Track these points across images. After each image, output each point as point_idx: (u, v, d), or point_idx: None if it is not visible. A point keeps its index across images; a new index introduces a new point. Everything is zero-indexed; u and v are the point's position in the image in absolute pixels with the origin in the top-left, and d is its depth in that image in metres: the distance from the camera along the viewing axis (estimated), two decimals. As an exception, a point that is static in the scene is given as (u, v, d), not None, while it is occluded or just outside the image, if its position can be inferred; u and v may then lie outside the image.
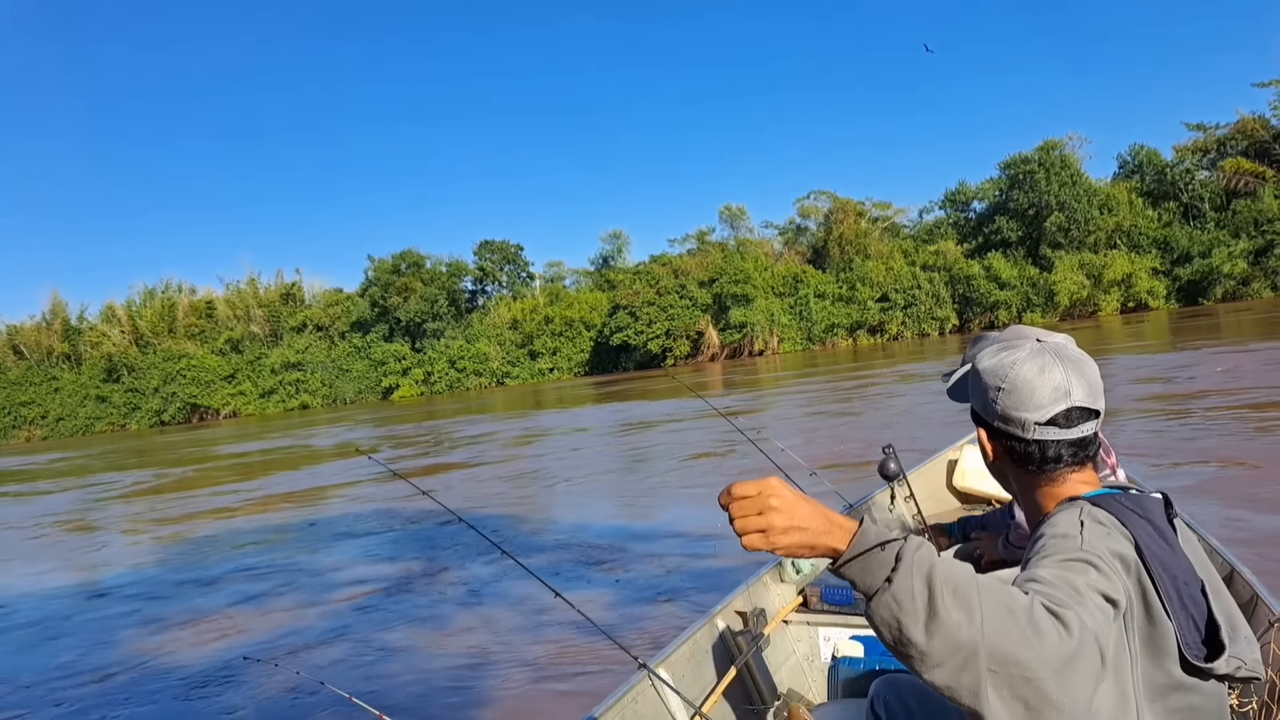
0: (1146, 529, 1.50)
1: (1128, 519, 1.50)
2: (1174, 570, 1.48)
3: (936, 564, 1.19)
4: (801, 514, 1.25)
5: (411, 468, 17.94)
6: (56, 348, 78.32)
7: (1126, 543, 1.45)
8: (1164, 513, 1.59)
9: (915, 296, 56.58)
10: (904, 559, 1.20)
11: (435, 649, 6.49)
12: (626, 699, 2.94)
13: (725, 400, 25.09)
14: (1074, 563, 1.36)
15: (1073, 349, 1.65)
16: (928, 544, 1.23)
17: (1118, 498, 1.56)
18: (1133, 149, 59.75)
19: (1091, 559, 1.37)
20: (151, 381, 72.22)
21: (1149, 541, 1.48)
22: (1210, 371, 17.04)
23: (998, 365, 1.64)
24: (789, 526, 1.25)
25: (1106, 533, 1.45)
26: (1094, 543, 1.41)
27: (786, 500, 1.25)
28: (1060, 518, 1.51)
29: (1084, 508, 1.51)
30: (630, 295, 61.20)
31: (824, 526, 1.26)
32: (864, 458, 11.29)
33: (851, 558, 1.24)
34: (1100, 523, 1.47)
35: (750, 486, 1.27)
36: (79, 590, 10.06)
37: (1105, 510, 1.51)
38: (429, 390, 66.25)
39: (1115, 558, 1.41)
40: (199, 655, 6.95)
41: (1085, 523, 1.46)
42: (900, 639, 1.17)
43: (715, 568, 7.52)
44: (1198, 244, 51.78)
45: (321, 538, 11.43)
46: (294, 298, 77.27)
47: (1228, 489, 8.23)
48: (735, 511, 1.26)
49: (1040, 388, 1.58)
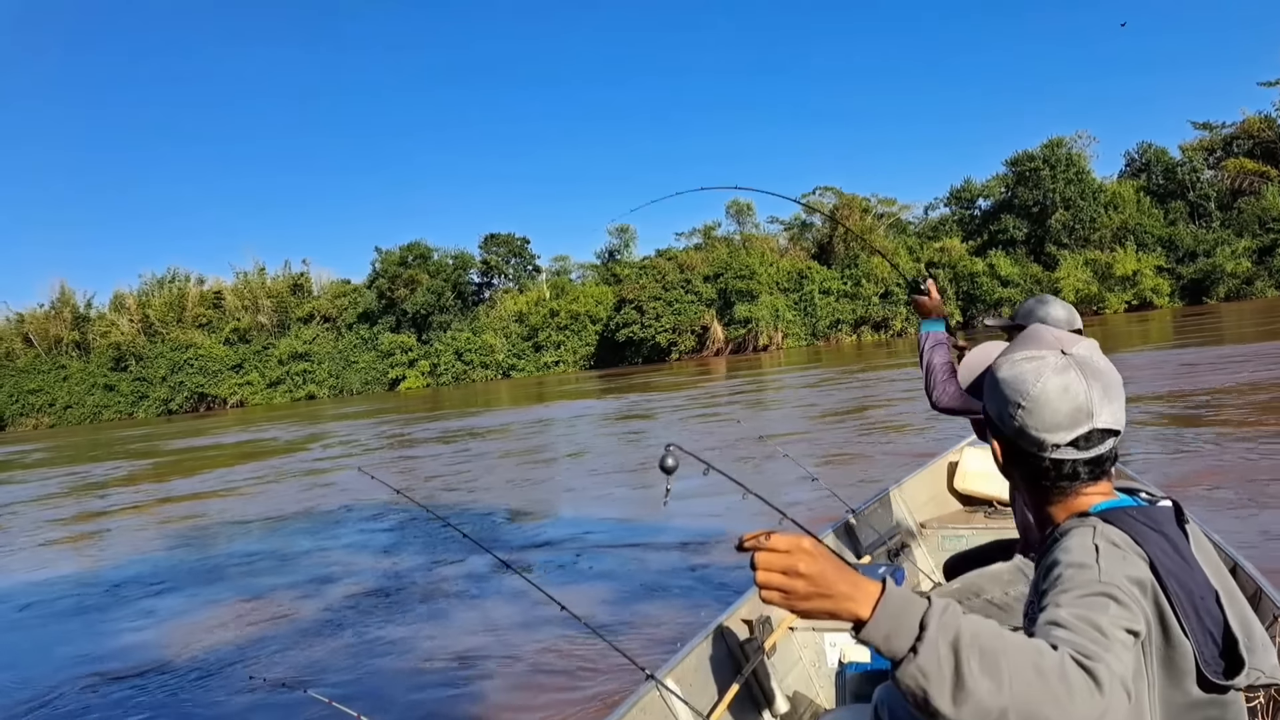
0: (1161, 544, 1.47)
1: (1141, 536, 1.46)
2: (1190, 586, 1.45)
3: (963, 628, 1.16)
4: (827, 580, 1.21)
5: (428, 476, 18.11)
6: (65, 336, 78.54)
7: (1142, 563, 1.42)
8: (1175, 522, 1.56)
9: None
10: (928, 627, 1.16)
11: (431, 655, 6.46)
12: (634, 710, 2.95)
13: (728, 398, 25.14)
14: (1094, 598, 1.32)
15: (1099, 360, 1.56)
16: (954, 605, 1.20)
17: (1130, 511, 1.52)
18: (1140, 147, 59.81)
19: (1111, 591, 1.33)
20: (159, 371, 72.48)
21: (1164, 559, 1.44)
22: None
23: (1019, 378, 1.54)
24: (812, 593, 1.21)
25: (1123, 556, 1.41)
26: (1112, 572, 1.36)
27: (814, 567, 1.21)
28: (1073, 541, 1.45)
29: (1097, 527, 1.46)
30: (636, 290, 61.25)
31: (848, 592, 1.21)
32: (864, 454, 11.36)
33: (875, 625, 1.19)
34: (1115, 544, 1.43)
35: (782, 542, 1.24)
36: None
37: (1119, 528, 1.46)
38: (435, 382, 66.38)
39: (1134, 584, 1.37)
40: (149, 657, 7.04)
41: (1100, 547, 1.41)
42: (927, 709, 1.15)
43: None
44: (1202, 243, 51.78)
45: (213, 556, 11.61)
46: (302, 288, 77.39)
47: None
48: (760, 563, 1.24)
49: (1062, 408, 1.50)
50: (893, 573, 4.19)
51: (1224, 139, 56.15)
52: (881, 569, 4.02)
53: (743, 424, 9.51)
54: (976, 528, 5.43)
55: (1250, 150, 54.03)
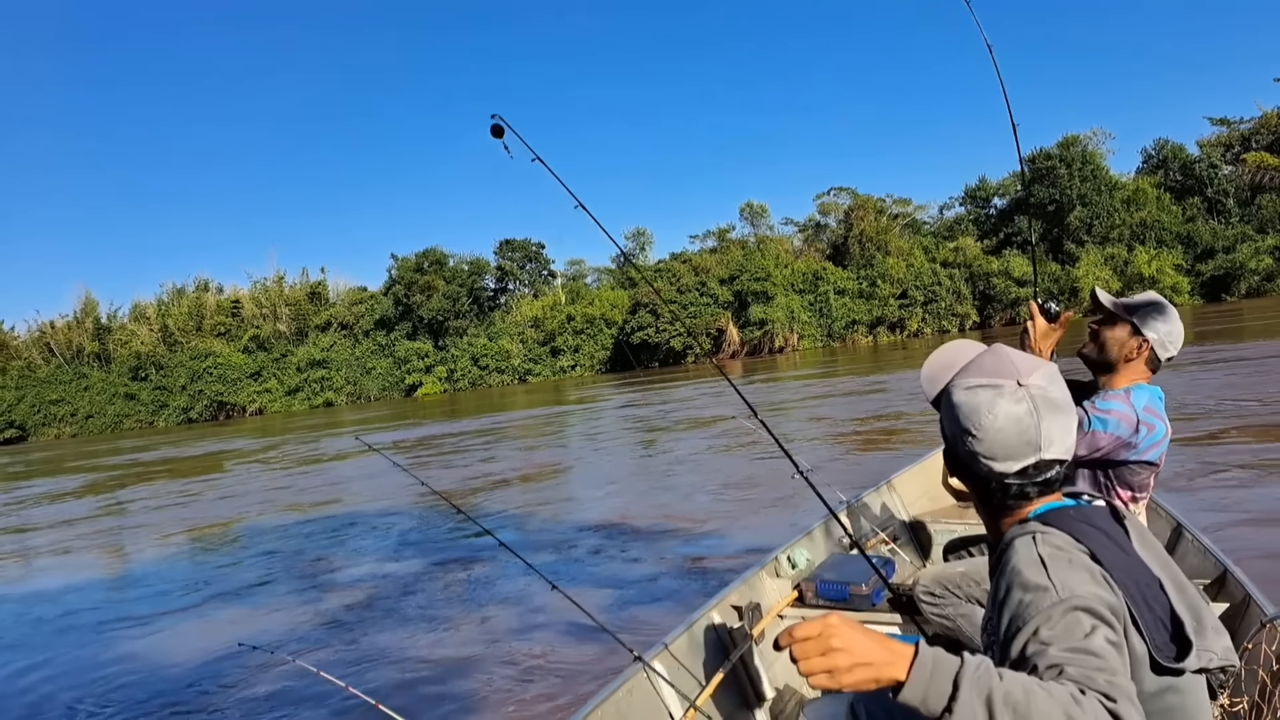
0: (1098, 539, 1.51)
1: (1080, 533, 1.50)
2: (1134, 575, 1.49)
3: (994, 687, 1.22)
4: (863, 650, 1.28)
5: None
6: (86, 346, 79.29)
7: (1086, 558, 1.46)
8: (1112, 520, 1.60)
9: (935, 293, 56.40)
10: (962, 686, 1.22)
11: (431, 642, 6.51)
12: (621, 691, 2.95)
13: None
14: (1066, 619, 1.35)
15: (1054, 392, 1.57)
16: (986, 663, 1.26)
17: (1068, 511, 1.56)
18: (1157, 143, 59.36)
19: (1076, 603, 1.36)
20: (179, 379, 73.04)
21: (1104, 552, 1.48)
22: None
23: (973, 407, 1.56)
24: (853, 664, 1.27)
25: (1068, 559, 1.44)
26: (1067, 583, 1.40)
27: (848, 639, 1.28)
28: (1019, 556, 1.48)
29: (1036, 534, 1.50)
30: (651, 293, 61.25)
31: (886, 658, 1.28)
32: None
33: (914, 687, 1.26)
34: (1058, 548, 1.46)
35: (812, 628, 1.31)
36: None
37: (1057, 528, 1.51)
38: (452, 388, 66.59)
39: (1091, 581, 1.41)
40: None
41: (1045, 558, 1.44)
42: None
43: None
44: (1222, 239, 51.32)
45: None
46: (319, 296, 77.87)
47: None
48: (798, 653, 1.30)
49: (1012, 441, 1.53)
50: (884, 564, 4.20)
51: (1242, 134, 55.65)
52: (916, 639, 3.99)
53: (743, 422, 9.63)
54: (969, 522, 5.42)
55: (1269, 145, 53.51)
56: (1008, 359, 1.61)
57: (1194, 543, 3.86)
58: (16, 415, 76.06)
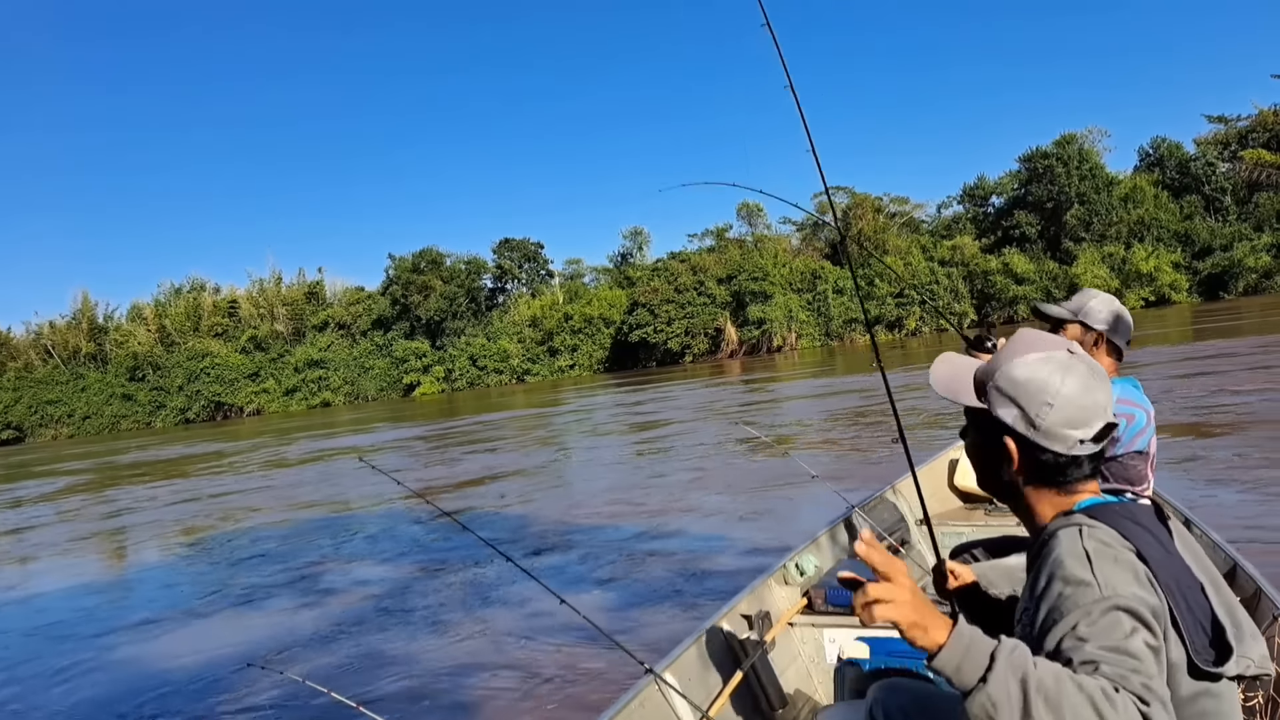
0: (1145, 537, 1.49)
1: (1127, 530, 1.48)
2: (1177, 577, 1.47)
3: (1029, 669, 1.25)
4: (918, 601, 1.35)
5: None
6: (83, 347, 79.16)
7: (1133, 556, 1.44)
8: (1156, 519, 1.58)
9: (933, 292, 56.40)
10: (998, 661, 1.27)
11: (437, 653, 6.45)
12: (633, 704, 2.92)
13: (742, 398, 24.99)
14: (1106, 617, 1.35)
15: (1092, 359, 1.61)
16: (1022, 646, 1.30)
17: (1113, 507, 1.54)
18: (1153, 141, 59.41)
19: (1118, 603, 1.36)
20: (176, 380, 72.99)
21: (1150, 551, 1.47)
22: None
23: (1042, 378, 1.55)
24: (905, 604, 1.34)
25: (1114, 556, 1.43)
26: (1111, 581, 1.39)
27: (911, 587, 1.36)
28: (1064, 548, 1.46)
29: (1083, 527, 1.48)
30: (649, 293, 61.24)
31: (932, 619, 1.34)
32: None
33: (950, 653, 1.31)
34: (1105, 544, 1.45)
35: (891, 565, 1.39)
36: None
37: (1104, 523, 1.49)
38: (450, 388, 66.52)
39: (1134, 582, 1.40)
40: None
41: (1090, 552, 1.43)
42: None
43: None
44: (1219, 237, 51.33)
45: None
46: (316, 296, 77.81)
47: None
48: (873, 592, 1.36)
49: (1085, 405, 1.54)
50: None
51: (1239, 132, 55.65)
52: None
53: (750, 428, 9.67)
54: (976, 524, 5.41)
55: (1265, 143, 53.48)
56: (1044, 335, 1.64)
57: (1202, 537, 3.82)
58: (13, 417, 76.01)
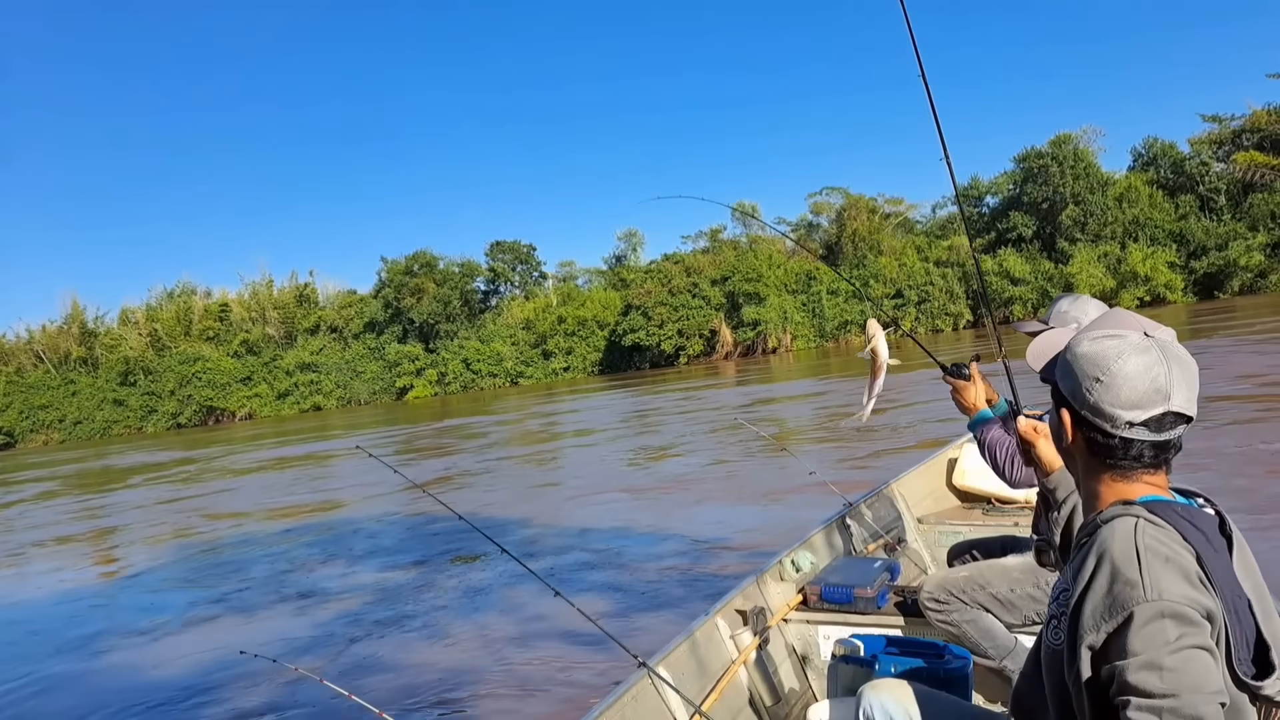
0: (1201, 540, 1.48)
1: (1185, 531, 1.48)
2: (1229, 587, 1.47)
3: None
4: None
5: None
6: (74, 351, 78.86)
7: (1189, 555, 1.44)
8: (1218, 530, 1.56)
9: (928, 292, 56.43)
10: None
11: (431, 650, 6.46)
12: (626, 697, 2.93)
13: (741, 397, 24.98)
14: (1150, 630, 1.36)
15: (1178, 347, 1.57)
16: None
17: (1175, 507, 1.53)
18: (1146, 141, 59.39)
19: (1163, 609, 1.36)
20: (168, 384, 72.60)
21: (1206, 555, 1.46)
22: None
23: (1100, 353, 1.56)
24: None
25: (1166, 556, 1.42)
26: (1157, 580, 1.39)
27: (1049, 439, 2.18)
28: (1115, 538, 1.47)
29: (1139, 520, 1.48)
30: (643, 294, 61.20)
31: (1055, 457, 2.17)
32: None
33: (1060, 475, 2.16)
34: (1159, 541, 1.44)
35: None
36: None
37: (1163, 520, 1.48)
38: (443, 391, 66.39)
39: (1184, 582, 1.40)
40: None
41: (1141, 550, 1.43)
42: None
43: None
44: (1214, 237, 51.43)
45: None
46: (308, 299, 77.59)
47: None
48: (1040, 429, 2.25)
49: (1140, 386, 1.52)
50: (889, 567, 4.08)
51: (1233, 132, 55.72)
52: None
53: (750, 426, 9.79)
54: (974, 524, 5.39)
55: (1259, 144, 53.55)
56: (1130, 315, 1.64)
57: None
58: (4, 422, 75.73)
